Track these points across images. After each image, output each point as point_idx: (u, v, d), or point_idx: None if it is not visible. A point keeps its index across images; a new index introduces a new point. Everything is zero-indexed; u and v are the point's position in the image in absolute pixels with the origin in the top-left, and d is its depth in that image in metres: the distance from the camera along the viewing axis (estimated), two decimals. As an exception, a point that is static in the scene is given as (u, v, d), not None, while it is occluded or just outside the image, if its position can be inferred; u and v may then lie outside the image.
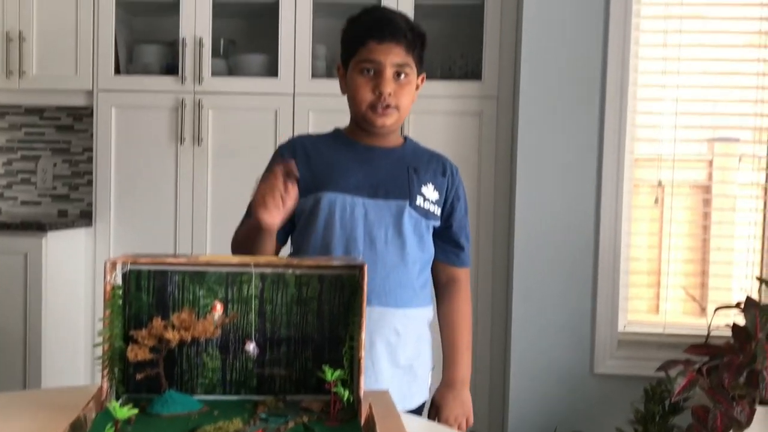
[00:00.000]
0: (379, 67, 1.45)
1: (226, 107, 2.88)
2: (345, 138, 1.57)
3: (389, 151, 1.55)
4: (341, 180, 1.49)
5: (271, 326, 1.24)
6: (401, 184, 1.51)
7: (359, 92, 1.47)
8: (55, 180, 3.26)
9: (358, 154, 1.53)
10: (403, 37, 1.45)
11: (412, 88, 1.49)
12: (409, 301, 1.51)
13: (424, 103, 2.79)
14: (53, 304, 2.71)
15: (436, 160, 1.59)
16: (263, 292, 1.23)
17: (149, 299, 1.21)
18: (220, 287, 1.22)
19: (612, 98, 2.57)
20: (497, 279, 2.81)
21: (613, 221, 2.57)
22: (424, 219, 1.52)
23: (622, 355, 2.54)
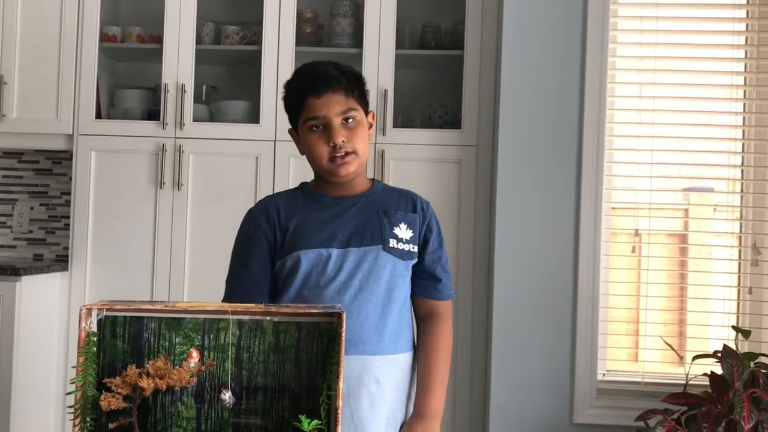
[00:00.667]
0: (325, 121, 1.48)
1: (207, 153, 2.88)
2: (312, 192, 1.58)
3: (357, 198, 1.56)
4: (314, 236, 1.50)
5: (247, 374, 1.22)
6: (373, 229, 1.52)
7: (315, 149, 1.50)
8: (31, 224, 3.23)
9: (327, 208, 1.54)
10: (338, 84, 1.48)
11: (363, 129, 1.52)
12: (388, 348, 1.50)
13: (404, 151, 2.84)
14: (26, 350, 2.65)
15: (405, 198, 1.60)
16: (240, 340, 1.22)
17: (124, 346, 1.19)
18: (196, 334, 1.21)
19: (589, 148, 2.62)
20: (476, 327, 2.80)
21: (591, 270, 2.58)
22: (401, 260, 1.52)
23: (602, 404, 2.53)
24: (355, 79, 1.53)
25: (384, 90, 2.84)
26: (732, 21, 2.78)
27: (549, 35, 2.65)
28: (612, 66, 2.70)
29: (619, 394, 2.55)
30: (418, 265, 1.56)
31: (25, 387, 2.65)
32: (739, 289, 2.68)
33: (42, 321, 2.77)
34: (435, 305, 1.59)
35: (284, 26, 2.87)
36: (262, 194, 2.78)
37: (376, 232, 1.51)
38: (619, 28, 2.75)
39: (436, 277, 1.57)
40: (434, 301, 1.58)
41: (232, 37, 2.98)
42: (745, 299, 2.66)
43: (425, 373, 1.54)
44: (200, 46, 2.93)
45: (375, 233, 1.51)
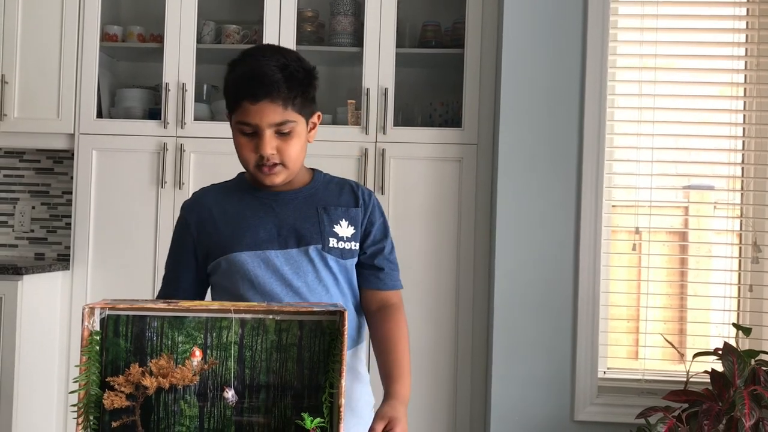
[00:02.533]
0: (256, 129, 1.39)
1: (207, 151, 2.89)
2: (248, 186, 1.51)
3: (296, 192, 1.48)
4: (249, 237, 1.44)
5: (250, 373, 1.23)
6: (311, 227, 1.45)
7: (242, 153, 1.43)
8: (32, 223, 3.23)
9: (264, 204, 1.47)
10: (277, 93, 1.36)
11: (299, 140, 1.42)
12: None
13: (405, 150, 2.84)
14: (28, 349, 2.66)
15: (347, 192, 1.53)
16: (243, 338, 1.23)
17: (127, 345, 1.19)
18: (199, 333, 1.21)
19: (589, 146, 2.62)
20: (477, 325, 2.81)
21: (592, 268, 2.59)
22: (341, 259, 1.46)
23: (603, 402, 2.53)
24: (300, 84, 1.40)
25: (384, 89, 2.85)
26: (732, 19, 2.78)
27: (549, 34, 2.66)
28: (612, 64, 2.70)
29: (619, 392, 2.56)
30: (361, 258, 1.51)
31: (28, 386, 2.66)
32: (740, 287, 2.68)
33: (44, 320, 2.78)
34: (386, 296, 1.52)
35: (285, 25, 2.88)
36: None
37: (315, 231, 1.45)
38: (620, 27, 2.76)
39: (377, 266, 1.51)
40: (383, 292, 1.52)
41: (233, 36, 2.99)
42: (745, 297, 2.66)
43: (394, 359, 1.45)
44: (201, 45, 2.94)
45: (314, 232, 1.45)
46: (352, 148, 2.85)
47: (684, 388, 2.23)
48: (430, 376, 2.82)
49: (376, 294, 1.53)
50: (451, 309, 2.83)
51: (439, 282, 2.84)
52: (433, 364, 2.82)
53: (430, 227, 2.85)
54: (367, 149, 2.85)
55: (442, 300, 2.83)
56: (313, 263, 1.44)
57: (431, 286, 2.84)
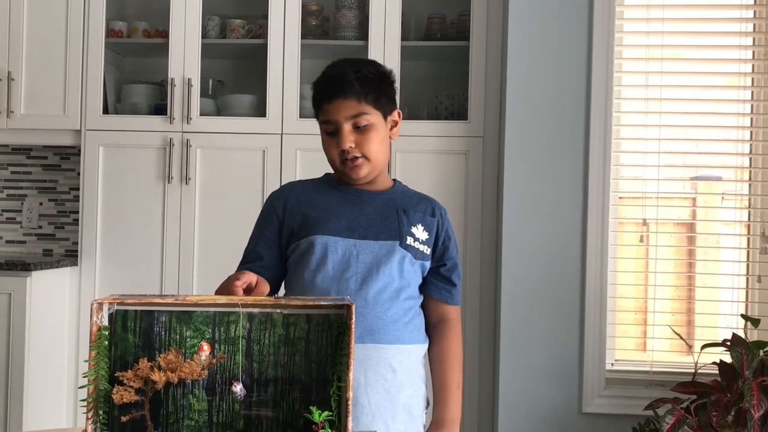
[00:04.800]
0: (336, 126, 1.50)
1: (214, 147, 2.89)
2: (334, 183, 1.60)
3: (378, 194, 1.58)
4: (332, 223, 1.51)
5: (258, 367, 1.23)
6: (391, 225, 1.53)
7: (328, 152, 1.54)
8: (40, 219, 3.25)
9: (348, 198, 1.56)
10: (350, 89, 1.48)
11: (378, 134, 1.51)
12: (403, 338, 1.51)
13: (411, 143, 2.84)
14: (37, 344, 2.68)
15: (425, 202, 1.62)
16: (251, 332, 1.23)
17: (135, 340, 1.20)
18: (207, 327, 1.22)
19: (596, 137, 2.61)
20: (484, 318, 2.81)
21: (599, 259, 2.58)
22: (415, 259, 1.54)
23: (611, 394, 2.53)
24: (374, 81, 1.51)
25: (390, 82, 2.84)
26: (739, 8, 2.77)
27: (555, 25, 2.65)
28: (618, 55, 2.69)
29: (627, 384, 2.55)
30: (436, 269, 1.58)
31: (38, 381, 2.67)
32: (748, 278, 2.68)
33: (53, 316, 2.79)
34: (447, 310, 1.60)
35: (289, 19, 2.87)
36: (269, 188, 2.78)
37: (394, 228, 1.53)
38: (626, 17, 2.75)
39: (452, 281, 1.60)
40: (446, 305, 1.60)
41: (238, 30, 2.99)
42: (753, 288, 2.66)
43: (442, 380, 1.57)
44: (206, 40, 2.94)
45: (393, 229, 1.53)
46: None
47: (692, 379, 2.22)
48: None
49: (440, 306, 1.60)
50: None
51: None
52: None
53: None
54: (373, 143, 2.84)
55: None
56: (388, 256, 1.51)
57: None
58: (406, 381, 1.52)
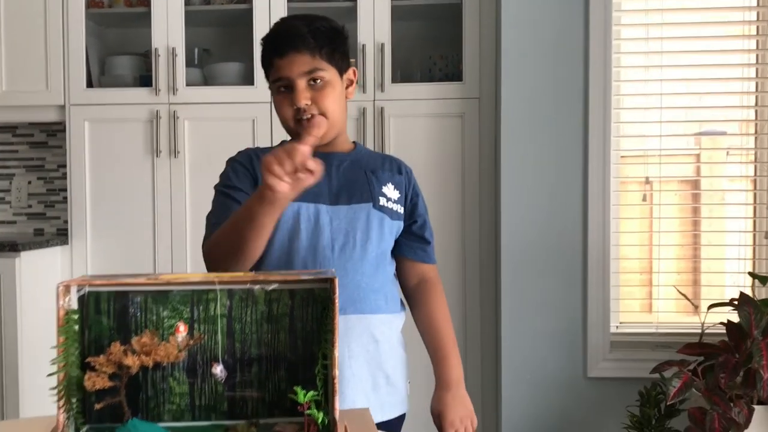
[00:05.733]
0: (289, 82, 1.39)
1: (202, 118, 2.81)
2: None
3: (342, 155, 1.49)
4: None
5: (240, 346, 1.17)
6: (361, 187, 1.46)
7: (281, 111, 1.42)
8: (30, 198, 3.18)
9: None
10: (303, 44, 1.37)
11: (334, 90, 1.41)
12: (385, 307, 1.46)
13: (406, 106, 2.75)
14: (30, 325, 2.63)
15: (389, 161, 1.55)
16: (231, 311, 1.16)
17: (110, 323, 1.14)
18: (185, 307, 1.15)
19: (595, 95, 2.52)
20: (485, 282, 2.75)
21: (601, 221, 2.51)
22: (389, 219, 1.47)
23: (616, 357, 2.48)
24: (327, 36, 1.41)
25: (381, 44, 2.74)
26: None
27: (550, -22, 2.53)
28: (617, 7, 2.58)
29: (633, 347, 2.50)
30: (408, 228, 1.52)
31: (33, 363, 2.63)
32: (755, 234, 2.60)
33: (44, 296, 2.74)
34: (426, 269, 1.55)
35: (274, -18, 2.77)
36: (260, 158, 2.71)
37: (365, 190, 1.46)
38: (624, -33, 2.63)
39: (426, 239, 1.54)
40: (425, 264, 1.54)
41: (222, -4, 2.88)
42: (761, 244, 2.58)
43: (438, 342, 1.51)
44: (189, 7, 2.83)
45: (364, 191, 1.46)
46: (350, 107, 2.75)
47: (699, 340, 2.16)
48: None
49: (418, 266, 1.54)
50: (459, 268, 2.76)
51: (444, 242, 2.77)
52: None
53: (433, 186, 2.77)
54: (365, 108, 2.76)
55: (449, 260, 2.77)
56: (363, 221, 1.44)
57: (437, 247, 2.76)
58: (388, 351, 1.46)
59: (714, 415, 1.91)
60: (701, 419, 1.93)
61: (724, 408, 1.91)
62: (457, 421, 1.46)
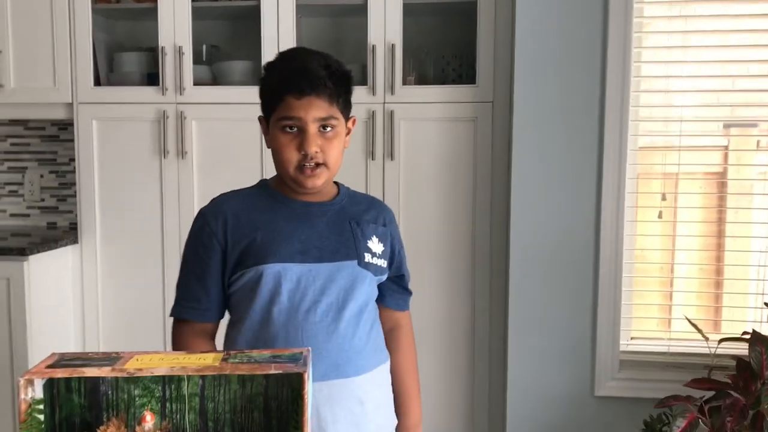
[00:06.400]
0: (301, 124, 1.33)
1: (209, 118, 2.76)
2: (276, 194, 1.43)
3: (326, 205, 1.43)
4: (285, 247, 1.36)
5: (214, 425, 1.14)
6: (346, 241, 1.40)
7: (284, 153, 1.35)
8: (42, 192, 3.18)
9: (295, 214, 1.40)
10: (324, 88, 1.32)
11: (340, 141, 1.38)
12: (368, 365, 1.41)
13: (417, 110, 2.67)
14: (41, 327, 2.65)
15: (374, 208, 1.50)
16: (203, 390, 1.14)
17: (80, 401, 1.12)
18: (156, 386, 1.13)
19: (613, 96, 2.39)
20: (494, 295, 2.69)
21: (614, 234, 2.42)
22: (373, 275, 1.42)
23: (624, 377, 2.42)
24: (343, 83, 1.37)
25: (391, 44, 2.65)
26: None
27: (569, -21, 2.40)
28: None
29: (643, 366, 2.43)
30: (393, 279, 1.50)
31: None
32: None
33: (54, 298, 2.76)
34: (400, 317, 1.55)
35: (282, -22, 2.68)
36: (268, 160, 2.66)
37: (350, 246, 1.40)
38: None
39: (407, 289, 1.55)
40: (400, 312, 1.55)
41: (230, -9, 2.80)
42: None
43: (402, 390, 1.52)
44: (197, 3, 2.76)
45: (349, 246, 1.40)
46: (359, 110, 2.65)
47: (709, 373, 2.09)
48: (446, 349, 2.74)
49: (394, 314, 1.54)
50: (467, 278, 2.71)
51: (453, 251, 2.72)
52: (450, 337, 2.73)
53: (444, 192, 2.71)
54: (375, 111, 2.68)
55: (458, 270, 2.71)
56: (347, 279, 1.38)
57: (446, 255, 2.72)
58: (374, 409, 1.42)
59: (719, 457, 1.87)
60: (706, 459, 1.88)
61: (730, 451, 1.85)
62: None
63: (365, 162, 2.70)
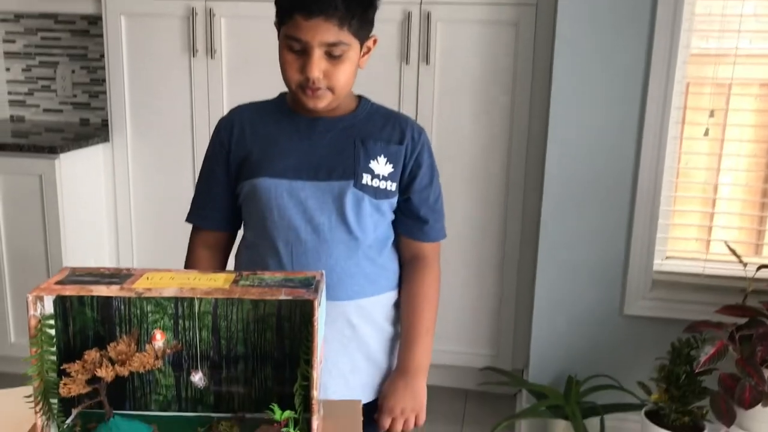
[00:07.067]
0: (306, 47, 1.24)
1: (239, 15, 2.66)
2: (287, 108, 1.38)
3: (335, 121, 1.35)
4: (278, 162, 1.32)
5: (226, 343, 1.14)
6: (345, 160, 1.32)
7: (287, 70, 1.28)
8: (74, 87, 3.16)
9: (299, 129, 1.35)
10: (334, 10, 1.22)
11: (350, 64, 1.28)
12: (362, 291, 1.36)
13: (456, 11, 2.53)
14: (74, 225, 2.69)
15: (392, 126, 1.38)
16: (216, 308, 1.12)
17: (93, 315, 1.11)
18: (169, 303, 1.12)
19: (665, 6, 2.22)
20: (528, 205, 2.63)
21: (657, 144, 2.27)
22: (371, 198, 1.33)
23: (656, 296, 2.36)
24: (360, 4, 1.26)
25: (431, -61, 2.48)
26: None
27: None
28: None
29: (675, 287, 2.37)
30: (403, 204, 1.39)
31: (78, 261, 2.71)
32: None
33: (87, 195, 2.78)
34: (420, 247, 1.42)
35: None
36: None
37: (349, 165, 1.32)
38: None
39: (422, 218, 1.40)
40: (419, 242, 1.42)
41: None
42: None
43: (409, 324, 1.40)
44: None
45: (347, 166, 1.32)
46: (393, 11, 2.55)
47: (743, 300, 2.02)
48: (473, 264, 2.71)
49: (410, 243, 1.43)
50: (500, 191, 2.64)
51: (488, 158, 2.64)
52: (478, 252, 2.70)
53: (481, 100, 2.60)
54: (411, 12, 2.55)
55: (491, 179, 2.64)
56: (340, 199, 1.32)
57: (480, 163, 2.64)
58: (369, 333, 1.39)
59: (746, 385, 1.82)
60: (732, 386, 1.85)
61: (758, 380, 1.81)
62: (397, 410, 1.37)
63: (399, 66, 2.59)
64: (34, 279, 2.65)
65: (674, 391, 1.95)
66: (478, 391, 2.81)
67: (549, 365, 2.48)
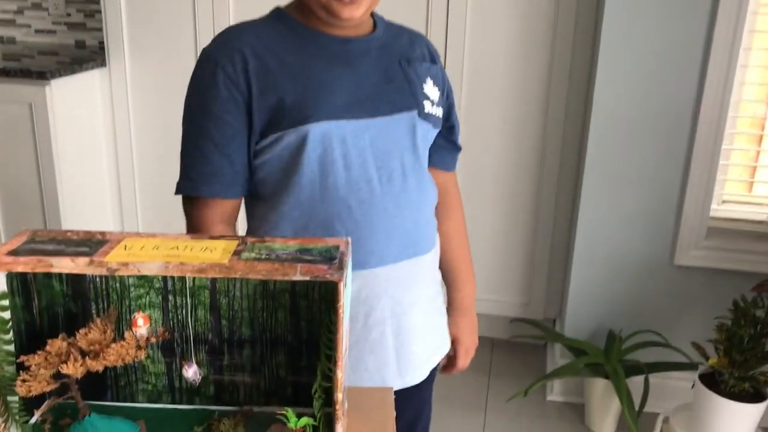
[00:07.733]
0: None
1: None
2: (300, 27, 1.07)
3: (367, 40, 1.10)
4: (329, 101, 1.03)
5: (228, 324, 0.92)
6: (400, 87, 1.09)
7: None
8: (68, 6, 2.87)
9: (336, 55, 1.06)
10: None
11: None
12: (436, 238, 1.22)
13: None
14: (70, 157, 2.46)
15: (418, 41, 1.18)
16: (215, 282, 0.90)
17: (63, 288, 0.89)
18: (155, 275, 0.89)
19: None
20: (566, 150, 2.36)
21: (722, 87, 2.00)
22: (433, 128, 1.16)
23: (711, 245, 2.12)
24: None
25: None
26: None
27: None
28: None
29: (733, 235, 2.12)
30: (442, 132, 1.22)
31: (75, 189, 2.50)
32: None
33: (83, 126, 2.54)
34: (449, 178, 1.29)
35: None
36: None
37: (406, 92, 1.10)
38: None
39: (458, 146, 1.28)
40: (448, 173, 1.29)
41: None
42: None
43: (458, 261, 1.30)
44: None
45: (405, 94, 1.09)
46: None
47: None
48: (505, 207, 2.46)
49: (441, 175, 1.27)
50: (539, 120, 2.37)
51: (524, 87, 2.35)
52: (511, 195, 2.44)
53: (521, 30, 2.30)
54: None
55: (529, 111, 2.37)
56: (410, 135, 1.10)
57: (514, 103, 2.36)
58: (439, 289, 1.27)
59: (822, 353, 1.61)
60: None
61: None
62: (473, 348, 1.36)
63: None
64: (28, 217, 2.45)
65: (736, 355, 1.73)
66: (506, 340, 2.62)
67: (586, 318, 2.26)
